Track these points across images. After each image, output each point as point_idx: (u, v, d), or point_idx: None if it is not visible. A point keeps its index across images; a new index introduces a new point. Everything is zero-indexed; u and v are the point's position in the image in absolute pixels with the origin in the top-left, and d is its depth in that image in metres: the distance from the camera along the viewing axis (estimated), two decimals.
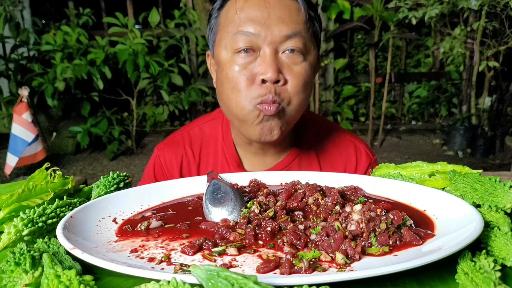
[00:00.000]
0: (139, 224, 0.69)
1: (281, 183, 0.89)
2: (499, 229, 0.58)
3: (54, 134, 5.59)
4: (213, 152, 1.23)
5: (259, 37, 0.96)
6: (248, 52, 0.98)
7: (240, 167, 1.18)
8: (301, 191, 0.77)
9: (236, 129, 1.12)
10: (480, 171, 0.79)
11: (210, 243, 0.60)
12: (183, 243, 0.62)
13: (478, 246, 0.56)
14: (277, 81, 0.97)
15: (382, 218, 0.62)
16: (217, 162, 1.21)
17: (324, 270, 0.52)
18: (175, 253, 0.59)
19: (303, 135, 1.21)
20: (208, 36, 1.11)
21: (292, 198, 0.75)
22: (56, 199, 0.70)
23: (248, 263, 0.55)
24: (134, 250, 0.60)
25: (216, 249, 0.59)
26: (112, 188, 0.84)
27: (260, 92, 0.97)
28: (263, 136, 1.02)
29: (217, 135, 1.24)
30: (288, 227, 0.65)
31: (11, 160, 4.44)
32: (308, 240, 0.61)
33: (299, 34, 0.98)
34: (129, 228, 0.68)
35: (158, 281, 0.46)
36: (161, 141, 1.30)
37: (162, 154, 1.25)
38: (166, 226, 0.69)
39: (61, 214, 0.68)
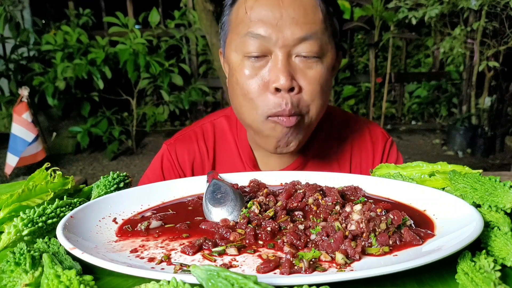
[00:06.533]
0: (139, 224, 0.69)
1: (281, 183, 0.88)
2: (499, 229, 0.58)
3: (54, 134, 5.60)
4: (227, 150, 1.17)
5: (270, 40, 0.89)
6: (259, 57, 0.92)
7: (256, 168, 1.14)
8: (301, 191, 0.77)
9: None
10: (480, 171, 0.79)
11: (210, 243, 0.60)
12: (183, 243, 0.62)
13: (478, 246, 0.56)
14: (291, 89, 0.91)
15: (382, 218, 0.62)
16: (231, 160, 1.16)
17: (324, 270, 0.52)
18: (175, 253, 0.59)
19: (319, 130, 1.16)
20: (220, 34, 1.05)
21: (292, 198, 0.75)
22: (56, 199, 0.70)
23: (248, 263, 0.55)
24: (134, 250, 0.60)
25: (216, 249, 0.59)
26: (112, 188, 0.84)
27: (275, 102, 0.91)
28: (279, 148, 0.98)
29: (231, 132, 1.18)
30: (288, 227, 0.65)
31: (12, 160, 4.44)
32: (308, 240, 0.61)
33: (314, 36, 0.90)
34: (129, 228, 0.68)
35: (158, 281, 0.46)
36: (169, 138, 1.23)
37: (172, 149, 1.17)
38: (166, 226, 0.69)
39: (61, 214, 0.68)
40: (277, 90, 0.91)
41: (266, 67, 0.92)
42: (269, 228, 0.64)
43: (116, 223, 0.71)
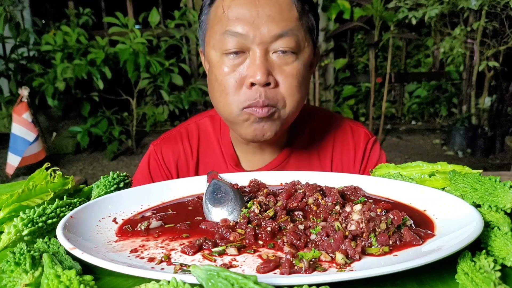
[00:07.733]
0: (139, 224, 0.69)
1: (281, 183, 0.88)
2: (499, 229, 0.58)
3: (54, 134, 5.60)
4: (210, 150, 1.20)
5: (248, 37, 0.92)
6: (237, 54, 0.95)
7: (238, 166, 1.16)
8: (301, 191, 0.77)
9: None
10: (480, 171, 0.79)
11: (210, 243, 0.60)
12: (183, 243, 0.62)
13: (478, 246, 0.56)
14: (267, 84, 0.94)
15: (382, 218, 0.62)
16: (214, 160, 1.19)
17: (324, 270, 0.52)
18: (175, 253, 0.59)
19: (301, 129, 1.20)
20: (198, 33, 1.09)
21: (292, 198, 0.75)
22: (56, 199, 0.70)
23: (248, 263, 0.55)
24: (134, 250, 0.60)
25: (216, 249, 0.59)
26: (112, 188, 0.84)
27: (249, 95, 0.95)
28: (256, 137, 1.01)
29: (214, 132, 1.22)
30: (288, 227, 0.65)
31: (13, 160, 4.44)
32: (308, 240, 0.61)
33: (290, 32, 0.94)
34: (129, 228, 0.68)
35: (158, 281, 0.46)
36: (157, 138, 1.27)
37: (158, 150, 1.21)
38: (166, 226, 0.69)
39: (61, 214, 0.68)
40: (252, 84, 0.94)
41: (244, 64, 0.95)
42: (269, 228, 0.64)
43: (116, 223, 0.71)
